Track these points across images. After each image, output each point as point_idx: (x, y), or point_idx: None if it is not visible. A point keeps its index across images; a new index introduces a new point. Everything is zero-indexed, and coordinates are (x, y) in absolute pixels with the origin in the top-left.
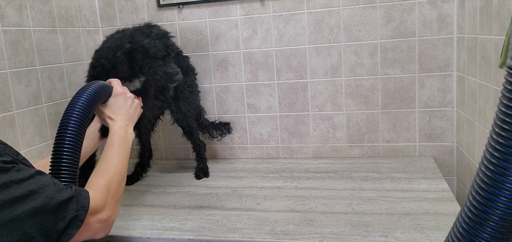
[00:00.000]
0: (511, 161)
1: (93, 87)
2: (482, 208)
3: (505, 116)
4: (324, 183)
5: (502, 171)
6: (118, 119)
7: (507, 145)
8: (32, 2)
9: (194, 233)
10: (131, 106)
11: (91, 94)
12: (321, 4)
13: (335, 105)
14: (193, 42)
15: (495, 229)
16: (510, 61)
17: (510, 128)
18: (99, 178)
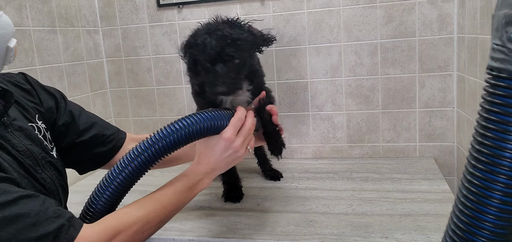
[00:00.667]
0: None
1: (202, 124)
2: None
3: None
4: (324, 184)
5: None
6: (203, 163)
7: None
8: (32, 2)
9: (194, 233)
10: (228, 157)
11: (195, 131)
12: (321, 4)
13: (335, 105)
14: None
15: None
16: (490, 62)
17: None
18: (114, 217)
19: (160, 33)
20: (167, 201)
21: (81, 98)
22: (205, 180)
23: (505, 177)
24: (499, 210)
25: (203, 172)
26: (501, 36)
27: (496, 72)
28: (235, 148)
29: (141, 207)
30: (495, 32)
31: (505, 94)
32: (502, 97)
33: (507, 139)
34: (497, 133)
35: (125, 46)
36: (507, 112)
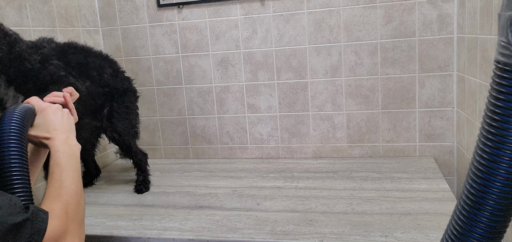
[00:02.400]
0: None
1: (15, 113)
2: (475, 205)
3: (495, 108)
4: (324, 183)
5: (493, 164)
6: (56, 135)
7: (497, 141)
8: (32, 2)
9: (194, 233)
10: (63, 117)
11: (18, 120)
12: (321, 4)
13: (335, 105)
14: (193, 42)
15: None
16: (497, 56)
17: (499, 121)
18: (52, 203)
19: (160, 33)
20: (68, 176)
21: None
22: (72, 142)
23: (506, 165)
24: (501, 191)
25: (64, 140)
26: (507, 35)
27: (502, 66)
28: (58, 107)
29: (60, 186)
30: (501, 30)
31: (510, 85)
32: (507, 87)
33: (510, 135)
34: (502, 123)
35: (125, 46)
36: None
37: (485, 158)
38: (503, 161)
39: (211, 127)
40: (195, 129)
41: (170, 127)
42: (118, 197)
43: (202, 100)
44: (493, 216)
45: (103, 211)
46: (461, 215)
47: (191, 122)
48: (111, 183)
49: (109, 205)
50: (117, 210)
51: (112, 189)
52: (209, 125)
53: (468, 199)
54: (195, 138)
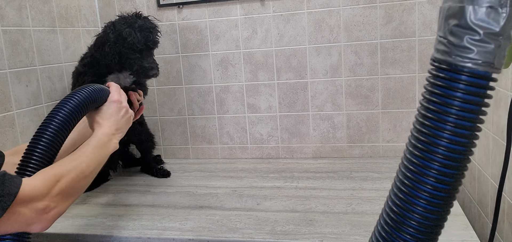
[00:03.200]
0: (431, 158)
1: (86, 90)
2: (405, 205)
3: (427, 112)
4: (324, 183)
5: (425, 162)
6: (106, 126)
7: (428, 142)
8: (32, 2)
9: (194, 233)
10: (123, 117)
11: (82, 98)
12: (321, 4)
13: (335, 105)
14: (193, 42)
15: (416, 229)
16: (433, 53)
17: (433, 121)
18: (52, 167)
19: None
20: (90, 155)
21: None
22: (113, 140)
23: (438, 163)
24: (433, 188)
25: (108, 133)
26: (444, 28)
27: (437, 64)
28: (126, 107)
29: (72, 160)
30: (439, 25)
31: (444, 85)
32: (441, 88)
33: (444, 127)
34: (434, 122)
35: None
36: (445, 103)
37: (417, 155)
38: (436, 159)
39: (211, 127)
40: (195, 129)
41: (170, 127)
42: (118, 197)
43: (202, 100)
44: (424, 217)
45: (103, 211)
46: (390, 214)
47: (191, 122)
48: (111, 183)
49: (109, 205)
50: (117, 210)
51: (112, 189)
52: (209, 125)
53: (398, 198)
54: (195, 138)
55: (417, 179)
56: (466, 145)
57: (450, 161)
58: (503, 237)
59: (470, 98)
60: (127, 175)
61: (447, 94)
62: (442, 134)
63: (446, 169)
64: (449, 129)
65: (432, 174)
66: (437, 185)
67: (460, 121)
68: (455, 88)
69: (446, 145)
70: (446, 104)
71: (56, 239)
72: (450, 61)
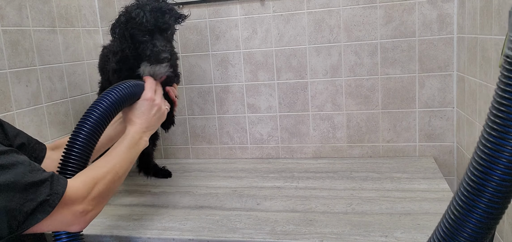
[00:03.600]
0: (501, 150)
1: (121, 88)
2: (475, 191)
3: (501, 106)
4: (324, 183)
5: (495, 153)
6: (137, 124)
7: (502, 130)
8: (32, 2)
9: (194, 233)
10: (155, 115)
11: (117, 97)
12: (321, 4)
13: (335, 105)
14: (193, 42)
15: (485, 211)
16: (508, 51)
17: (504, 118)
18: (90, 169)
19: None
20: (123, 155)
21: (81, 99)
22: (144, 138)
23: (510, 148)
24: (504, 173)
25: (139, 131)
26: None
27: (511, 60)
28: (158, 105)
29: (108, 161)
30: (510, 27)
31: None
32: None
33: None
34: (507, 113)
35: None
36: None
37: (489, 147)
38: (506, 150)
39: (211, 126)
40: (195, 129)
41: None
42: (118, 197)
43: (202, 100)
44: (492, 202)
45: (103, 211)
46: (460, 200)
47: (191, 122)
48: None
49: (109, 205)
50: (117, 210)
51: None
52: (209, 125)
53: (469, 185)
54: (195, 138)
55: (489, 166)
56: None
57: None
58: (503, 237)
59: None
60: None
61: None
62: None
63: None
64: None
65: (502, 163)
66: (504, 176)
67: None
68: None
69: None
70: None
71: None
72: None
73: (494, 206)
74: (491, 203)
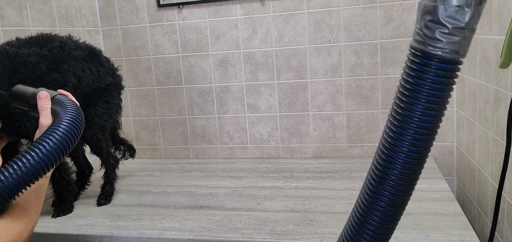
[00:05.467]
0: (402, 139)
1: None
2: (379, 180)
3: (404, 90)
4: (324, 183)
5: (397, 142)
6: None
7: (402, 120)
8: (32, 2)
9: (194, 233)
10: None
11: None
12: (321, 4)
13: (335, 105)
14: (193, 42)
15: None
16: (412, 42)
17: (406, 103)
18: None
19: (160, 33)
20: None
21: None
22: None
23: (413, 129)
24: (408, 151)
25: None
26: (420, 22)
27: (414, 51)
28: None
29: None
30: (417, 18)
31: (419, 69)
32: (416, 71)
33: (417, 102)
34: (410, 98)
35: (125, 46)
36: (419, 83)
37: (391, 136)
38: (406, 140)
39: (211, 126)
40: (195, 129)
41: (170, 127)
42: (118, 197)
43: (202, 100)
44: (395, 189)
45: (103, 211)
46: (367, 190)
47: (191, 122)
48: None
49: (109, 205)
50: (117, 210)
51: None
52: (209, 125)
53: (373, 176)
54: (195, 138)
55: (395, 144)
56: (435, 116)
57: (422, 129)
58: (503, 237)
59: (440, 80)
60: (127, 175)
61: (421, 76)
62: (416, 108)
63: (420, 135)
64: (422, 104)
65: (407, 139)
66: (412, 147)
67: (431, 97)
68: (427, 71)
69: (419, 116)
70: (419, 85)
71: (56, 239)
72: (424, 50)
73: (397, 194)
74: (395, 191)
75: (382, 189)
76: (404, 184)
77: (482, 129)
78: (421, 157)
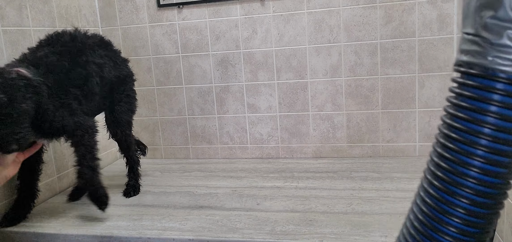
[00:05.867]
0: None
1: None
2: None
3: (451, 132)
4: (324, 183)
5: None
6: None
7: (454, 172)
8: (32, 2)
9: (194, 233)
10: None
11: None
12: (321, 4)
13: (335, 105)
14: (193, 42)
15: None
16: (458, 56)
17: (457, 147)
18: None
19: (160, 33)
20: None
21: None
22: None
23: (467, 201)
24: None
25: None
26: (474, 23)
27: (465, 69)
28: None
29: None
30: (465, 20)
31: (478, 97)
32: (473, 102)
33: (473, 152)
34: (461, 145)
35: (125, 46)
36: (475, 119)
37: (440, 188)
38: (462, 199)
39: (211, 127)
40: (195, 129)
41: (170, 127)
42: (118, 197)
43: (202, 100)
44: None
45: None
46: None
47: (191, 122)
48: (111, 183)
49: (109, 205)
50: (117, 210)
51: (112, 189)
52: (209, 125)
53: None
54: (195, 138)
55: (445, 203)
56: (502, 176)
57: (480, 198)
58: (503, 237)
59: (510, 113)
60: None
61: (480, 108)
62: (472, 163)
63: (476, 207)
64: (481, 155)
65: (455, 221)
66: (464, 228)
67: (495, 143)
68: (490, 100)
69: (476, 176)
70: (476, 121)
71: (56, 239)
72: (485, 64)
73: None
74: None
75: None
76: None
77: None
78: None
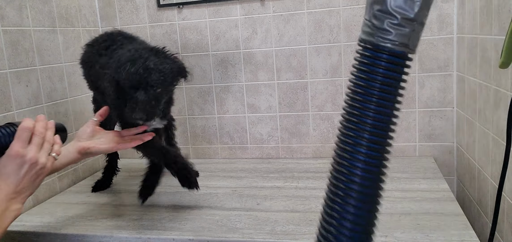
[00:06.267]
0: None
1: None
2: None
3: (355, 87)
4: (324, 183)
5: (356, 140)
6: (2, 189)
7: (360, 107)
8: (32, 2)
9: (194, 233)
10: (26, 175)
11: None
12: (321, 4)
13: (335, 105)
14: (193, 42)
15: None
16: (361, 35)
17: (360, 97)
18: None
19: (160, 34)
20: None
21: (81, 99)
22: (13, 207)
23: (367, 141)
24: (366, 156)
25: (5, 199)
26: (369, 13)
27: (363, 44)
28: (31, 160)
29: None
30: (366, 9)
31: (369, 63)
32: (367, 66)
33: (371, 99)
34: (363, 95)
35: None
36: (371, 78)
37: (351, 136)
38: (364, 141)
39: (211, 127)
40: (195, 129)
41: None
42: (118, 197)
43: (202, 100)
44: (364, 177)
45: (103, 211)
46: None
47: (191, 122)
48: (111, 183)
49: (109, 205)
50: (117, 210)
51: (112, 189)
52: (209, 125)
53: (337, 181)
54: (195, 138)
55: (353, 150)
56: (390, 114)
57: (377, 129)
58: (503, 237)
59: (390, 74)
60: (128, 175)
61: (372, 70)
62: (370, 105)
63: (377, 130)
64: (375, 100)
65: (365, 140)
66: (370, 152)
67: (383, 93)
68: (378, 65)
69: (375, 108)
70: (371, 79)
71: (56, 239)
72: (373, 42)
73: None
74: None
75: (348, 199)
76: (369, 186)
77: (482, 129)
78: (381, 160)
